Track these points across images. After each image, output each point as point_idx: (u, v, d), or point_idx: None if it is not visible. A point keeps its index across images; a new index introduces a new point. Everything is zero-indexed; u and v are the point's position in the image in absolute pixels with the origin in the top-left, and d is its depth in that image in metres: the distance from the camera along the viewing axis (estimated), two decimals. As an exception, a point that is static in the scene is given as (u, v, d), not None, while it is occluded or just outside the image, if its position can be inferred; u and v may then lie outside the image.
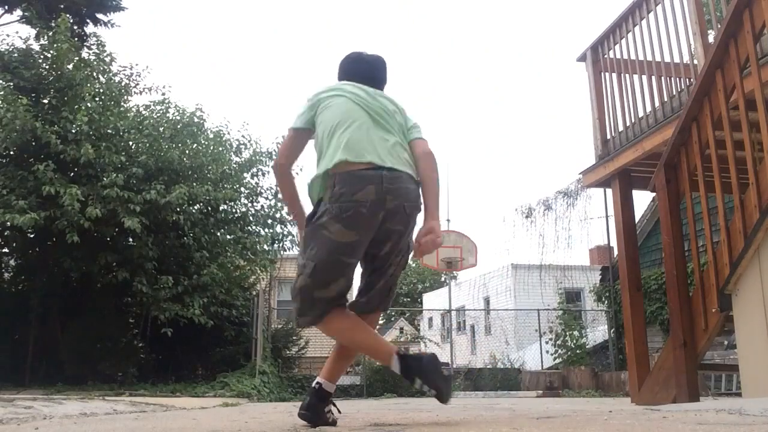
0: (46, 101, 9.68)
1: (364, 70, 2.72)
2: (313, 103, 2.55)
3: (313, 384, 2.42)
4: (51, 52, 9.81)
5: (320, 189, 2.39)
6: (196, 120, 11.00)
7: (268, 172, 11.64)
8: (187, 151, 10.31)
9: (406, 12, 76.61)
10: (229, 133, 11.50)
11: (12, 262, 11.27)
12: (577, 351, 13.08)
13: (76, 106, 9.39)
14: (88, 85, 9.80)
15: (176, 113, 10.97)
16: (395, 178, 2.36)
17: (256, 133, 17.97)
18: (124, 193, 8.85)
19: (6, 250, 10.94)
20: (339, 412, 2.51)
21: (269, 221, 11.59)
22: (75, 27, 13.19)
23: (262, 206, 11.65)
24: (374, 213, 2.30)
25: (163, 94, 11.15)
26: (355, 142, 2.37)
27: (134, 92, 11.18)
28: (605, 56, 5.70)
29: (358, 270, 2.54)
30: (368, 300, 2.51)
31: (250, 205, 11.63)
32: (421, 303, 32.60)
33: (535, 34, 78.43)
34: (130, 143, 10.07)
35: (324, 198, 2.35)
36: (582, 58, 5.98)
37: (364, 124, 2.44)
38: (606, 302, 13.91)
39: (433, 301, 28.44)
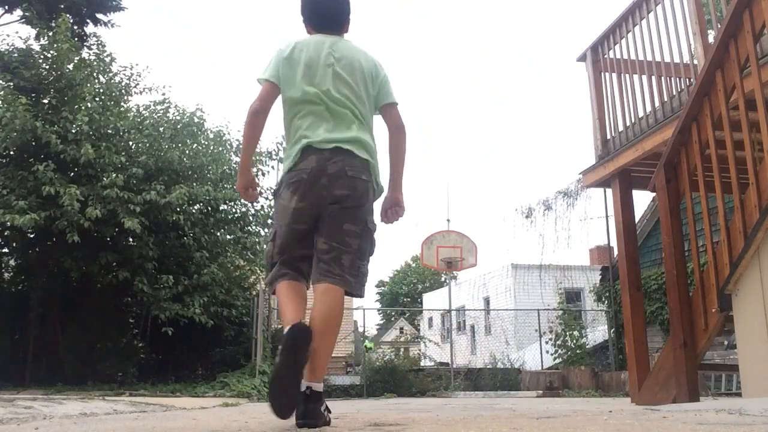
0: (46, 101, 9.68)
1: (323, 9, 2.72)
2: (281, 59, 2.59)
3: (303, 390, 2.27)
4: (51, 52, 9.82)
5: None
6: (196, 120, 11.00)
7: (268, 172, 11.67)
8: (187, 151, 10.31)
9: (406, 12, 76.65)
10: (229, 133, 11.50)
11: (12, 262, 11.26)
12: (577, 351, 13.08)
13: (76, 106, 9.39)
14: (88, 85, 9.80)
15: (176, 113, 10.97)
16: (338, 151, 2.47)
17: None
18: (123, 194, 8.85)
19: (6, 250, 10.94)
20: (328, 409, 2.43)
21: (269, 221, 11.59)
22: (75, 27, 13.17)
23: (262, 206, 11.66)
24: (316, 178, 2.44)
25: (163, 94, 11.15)
26: (309, 136, 2.50)
27: (134, 92, 11.18)
28: (605, 56, 5.70)
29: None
30: (318, 268, 2.48)
31: (250, 205, 11.63)
32: (421, 303, 32.60)
33: (534, 34, 78.44)
34: (130, 143, 10.07)
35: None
36: (582, 58, 5.98)
37: (318, 118, 2.52)
38: (606, 302, 13.90)
39: (433, 301, 28.43)
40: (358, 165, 2.50)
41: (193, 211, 10.26)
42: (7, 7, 13.35)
